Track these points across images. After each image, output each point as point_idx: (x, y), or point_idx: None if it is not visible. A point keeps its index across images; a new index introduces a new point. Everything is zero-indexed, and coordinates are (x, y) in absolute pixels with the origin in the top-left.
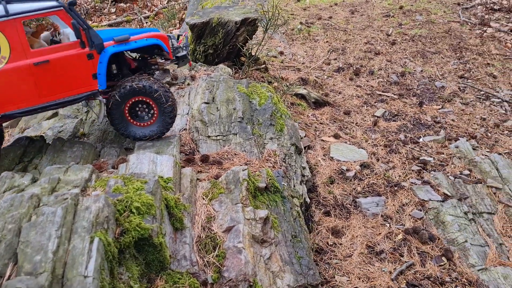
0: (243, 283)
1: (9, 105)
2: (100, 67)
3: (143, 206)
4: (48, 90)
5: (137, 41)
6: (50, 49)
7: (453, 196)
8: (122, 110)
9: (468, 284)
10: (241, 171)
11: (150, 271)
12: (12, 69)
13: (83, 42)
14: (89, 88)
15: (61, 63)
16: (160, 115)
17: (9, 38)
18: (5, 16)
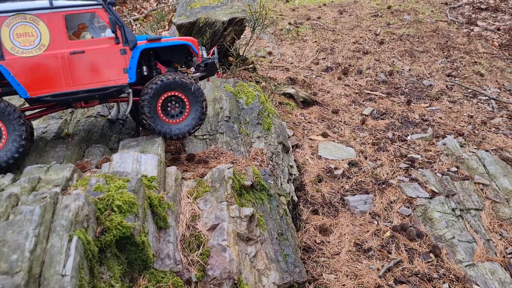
0: (227, 281)
1: (42, 89)
2: (131, 62)
3: (125, 205)
4: (80, 78)
5: (168, 41)
6: (86, 41)
7: (441, 193)
8: (155, 107)
9: (455, 280)
10: (227, 169)
11: (133, 270)
12: (49, 56)
13: (118, 38)
14: (119, 81)
15: (95, 54)
16: (193, 109)
17: (50, 28)
18: (49, 8)
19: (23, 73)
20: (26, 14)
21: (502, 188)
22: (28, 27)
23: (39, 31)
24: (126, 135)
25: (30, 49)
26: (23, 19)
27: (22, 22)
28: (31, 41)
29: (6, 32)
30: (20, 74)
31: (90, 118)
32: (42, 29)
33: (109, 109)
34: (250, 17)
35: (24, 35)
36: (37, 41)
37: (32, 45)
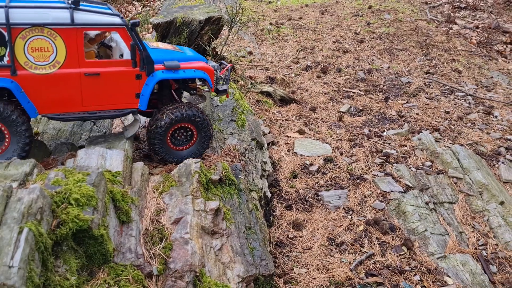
0: (188, 273)
1: (52, 108)
2: (145, 89)
3: (83, 198)
4: (91, 100)
5: (186, 71)
6: (103, 62)
7: (415, 187)
8: (164, 138)
9: (427, 272)
10: (194, 164)
11: (92, 264)
12: (63, 75)
13: (136, 63)
14: (129, 106)
15: (110, 78)
16: (200, 136)
17: (68, 45)
18: (69, 24)
19: (35, 90)
20: (44, 28)
21: (476, 181)
22: (45, 42)
23: (56, 47)
24: (97, 133)
25: (44, 65)
26: (40, 32)
27: (39, 36)
28: (46, 56)
29: (20, 45)
30: (31, 91)
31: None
32: (59, 45)
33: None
34: (228, 17)
35: (40, 50)
36: (52, 57)
37: (46, 61)
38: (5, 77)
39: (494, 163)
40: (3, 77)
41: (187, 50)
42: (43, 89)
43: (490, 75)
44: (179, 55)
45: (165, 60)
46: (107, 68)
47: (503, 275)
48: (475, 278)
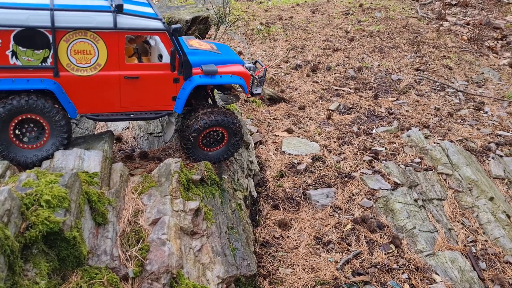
0: (165, 275)
1: (91, 108)
2: (181, 93)
3: (54, 199)
4: (129, 102)
5: (223, 76)
6: (142, 66)
7: (403, 184)
8: (196, 142)
9: (415, 270)
10: (174, 164)
11: (65, 267)
12: (103, 77)
13: (174, 67)
14: (165, 108)
15: (149, 81)
16: (230, 140)
17: (109, 48)
18: (112, 28)
19: (76, 92)
20: (88, 31)
21: (465, 177)
22: (87, 45)
23: (97, 50)
24: (79, 134)
25: (86, 68)
26: (83, 35)
27: (82, 39)
28: (88, 59)
29: (64, 47)
30: (72, 92)
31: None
32: (101, 48)
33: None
34: (216, 16)
35: (82, 53)
36: (94, 60)
37: (88, 64)
38: (48, 78)
39: (484, 159)
40: (46, 79)
41: (224, 49)
42: (84, 91)
43: (481, 71)
44: (216, 58)
45: (203, 64)
46: (146, 71)
47: (492, 271)
48: (464, 275)
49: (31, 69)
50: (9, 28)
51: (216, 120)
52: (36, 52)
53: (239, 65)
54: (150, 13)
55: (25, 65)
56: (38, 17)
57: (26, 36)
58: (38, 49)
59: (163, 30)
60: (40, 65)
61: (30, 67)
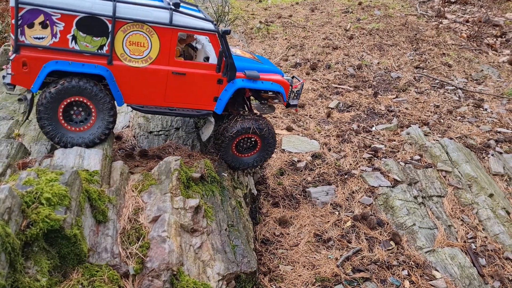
0: (165, 272)
1: (137, 99)
2: (223, 94)
3: (55, 197)
4: (173, 97)
5: (264, 82)
6: (190, 64)
7: (403, 181)
8: (229, 146)
9: (415, 266)
10: (174, 162)
11: (66, 264)
12: (153, 70)
13: (219, 68)
14: (206, 107)
15: (194, 79)
16: (263, 147)
17: (162, 43)
18: (167, 24)
19: (125, 81)
20: (145, 24)
21: (464, 174)
22: (142, 37)
23: (151, 43)
24: None
25: (138, 59)
26: (139, 28)
27: (138, 31)
28: (141, 51)
29: (120, 37)
30: (121, 81)
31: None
32: (154, 42)
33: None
34: (214, 15)
35: (136, 44)
36: (146, 53)
37: (140, 56)
38: (102, 65)
39: (483, 156)
40: (100, 65)
41: (265, 60)
42: (133, 81)
43: (480, 69)
44: (258, 66)
45: (246, 69)
46: (193, 69)
47: (492, 267)
48: (463, 272)
49: (87, 54)
50: (74, 13)
51: (251, 127)
52: (95, 39)
53: (279, 75)
54: (198, 11)
55: (82, 50)
56: (102, 6)
57: (88, 23)
58: (97, 36)
59: (214, 31)
60: (96, 52)
61: (87, 52)
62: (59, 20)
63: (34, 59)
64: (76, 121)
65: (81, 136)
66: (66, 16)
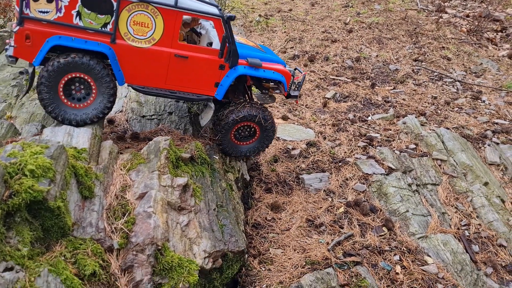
0: (149, 246)
1: (138, 80)
2: (225, 80)
3: (39, 169)
4: (174, 80)
5: (266, 71)
6: (192, 47)
7: (398, 169)
8: (229, 132)
9: (407, 252)
10: (163, 141)
11: (50, 237)
12: (155, 51)
13: (222, 54)
14: (207, 92)
15: (196, 63)
16: (262, 136)
17: (166, 25)
18: (173, 6)
19: (127, 61)
20: (150, 5)
21: (460, 162)
22: (147, 18)
23: (155, 24)
24: None
25: (141, 40)
26: (144, 8)
27: (142, 11)
28: (145, 32)
29: (125, 16)
30: (123, 61)
31: (35, 101)
32: (158, 23)
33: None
34: None
35: (140, 24)
36: (150, 33)
37: (143, 36)
38: (105, 43)
39: (480, 146)
40: (103, 43)
41: (268, 49)
42: (135, 61)
43: (479, 62)
44: (261, 54)
45: (248, 57)
46: (195, 53)
47: (485, 254)
48: (456, 257)
49: (91, 31)
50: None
51: (250, 115)
52: (99, 17)
53: (281, 65)
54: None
55: (86, 27)
56: None
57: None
58: (101, 14)
59: (219, 16)
60: (100, 29)
61: (90, 29)
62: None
63: (38, 33)
64: (75, 97)
65: (84, 112)
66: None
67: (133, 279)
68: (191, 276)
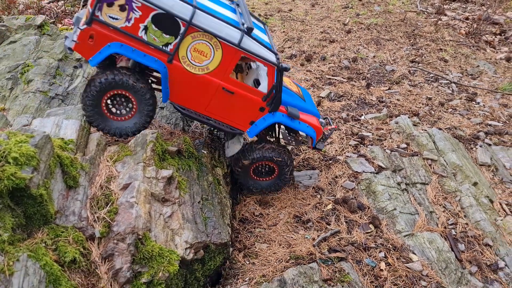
0: (130, 235)
1: (182, 100)
2: (260, 122)
3: (22, 157)
4: (214, 109)
5: (301, 123)
6: (240, 85)
7: (388, 168)
8: (248, 171)
9: (393, 249)
10: (150, 134)
11: (32, 224)
12: (206, 80)
13: (266, 98)
14: (240, 127)
15: (240, 99)
16: (280, 175)
17: (224, 59)
18: (235, 45)
19: (176, 82)
20: (214, 37)
21: (450, 162)
22: (207, 48)
23: (213, 56)
24: None
25: (196, 66)
26: (208, 39)
27: (205, 41)
28: (202, 60)
29: (188, 42)
30: (174, 81)
31: (29, 94)
32: (217, 56)
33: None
34: None
35: (200, 52)
36: (206, 62)
37: (199, 63)
38: (161, 61)
39: (472, 147)
40: (160, 60)
41: (307, 96)
42: (184, 84)
43: (476, 64)
44: (301, 104)
45: (289, 105)
46: (241, 90)
47: (471, 253)
48: (441, 255)
49: (152, 47)
50: (155, 7)
51: (271, 156)
52: (164, 36)
53: (316, 118)
54: (268, 44)
55: (149, 42)
56: (182, 9)
57: (163, 19)
58: (167, 34)
59: (274, 64)
60: (161, 47)
61: (152, 45)
62: (138, 9)
63: (102, 35)
64: (117, 111)
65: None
66: (146, 6)
67: (113, 267)
68: (171, 266)
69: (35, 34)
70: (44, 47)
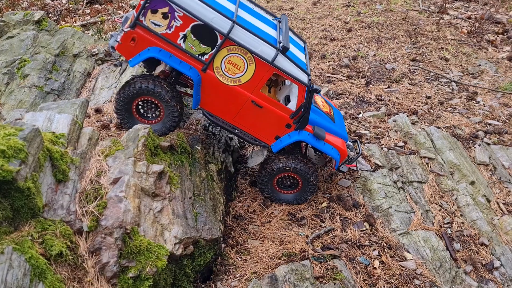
0: (118, 230)
1: (211, 108)
2: (285, 138)
3: (10, 150)
4: (241, 119)
5: (326, 145)
6: (269, 100)
7: (384, 166)
8: (271, 180)
9: (387, 247)
10: (142, 129)
11: (20, 218)
12: (237, 92)
13: (293, 116)
14: (265, 140)
15: (267, 114)
16: (304, 187)
17: (256, 73)
18: (269, 62)
19: (208, 90)
20: (249, 52)
21: (447, 161)
22: (241, 61)
23: (246, 70)
24: None
25: (228, 77)
26: (243, 53)
27: (240, 55)
28: (234, 72)
29: (223, 54)
30: (206, 89)
31: (24, 89)
32: (250, 70)
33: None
34: None
35: (233, 65)
36: (238, 75)
37: (232, 75)
38: (196, 69)
39: (470, 146)
40: (194, 68)
41: (338, 118)
42: (215, 93)
43: (477, 63)
44: (329, 125)
45: (316, 125)
46: (270, 106)
47: (466, 252)
48: (435, 254)
49: (188, 55)
50: (196, 18)
51: (295, 167)
52: (201, 45)
53: (343, 141)
54: (302, 63)
55: (186, 50)
56: (221, 22)
57: (202, 30)
58: (204, 44)
59: (305, 85)
60: (197, 56)
61: (189, 53)
62: (180, 18)
63: (144, 39)
64: (147, 115)
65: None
66: (187, 17)
67: (100, 261)
68: (160, 261)
69: (33, 30)
70: (42, 42)
